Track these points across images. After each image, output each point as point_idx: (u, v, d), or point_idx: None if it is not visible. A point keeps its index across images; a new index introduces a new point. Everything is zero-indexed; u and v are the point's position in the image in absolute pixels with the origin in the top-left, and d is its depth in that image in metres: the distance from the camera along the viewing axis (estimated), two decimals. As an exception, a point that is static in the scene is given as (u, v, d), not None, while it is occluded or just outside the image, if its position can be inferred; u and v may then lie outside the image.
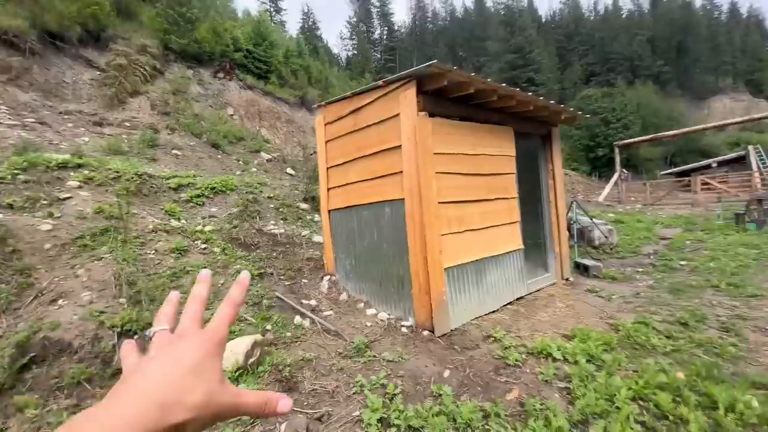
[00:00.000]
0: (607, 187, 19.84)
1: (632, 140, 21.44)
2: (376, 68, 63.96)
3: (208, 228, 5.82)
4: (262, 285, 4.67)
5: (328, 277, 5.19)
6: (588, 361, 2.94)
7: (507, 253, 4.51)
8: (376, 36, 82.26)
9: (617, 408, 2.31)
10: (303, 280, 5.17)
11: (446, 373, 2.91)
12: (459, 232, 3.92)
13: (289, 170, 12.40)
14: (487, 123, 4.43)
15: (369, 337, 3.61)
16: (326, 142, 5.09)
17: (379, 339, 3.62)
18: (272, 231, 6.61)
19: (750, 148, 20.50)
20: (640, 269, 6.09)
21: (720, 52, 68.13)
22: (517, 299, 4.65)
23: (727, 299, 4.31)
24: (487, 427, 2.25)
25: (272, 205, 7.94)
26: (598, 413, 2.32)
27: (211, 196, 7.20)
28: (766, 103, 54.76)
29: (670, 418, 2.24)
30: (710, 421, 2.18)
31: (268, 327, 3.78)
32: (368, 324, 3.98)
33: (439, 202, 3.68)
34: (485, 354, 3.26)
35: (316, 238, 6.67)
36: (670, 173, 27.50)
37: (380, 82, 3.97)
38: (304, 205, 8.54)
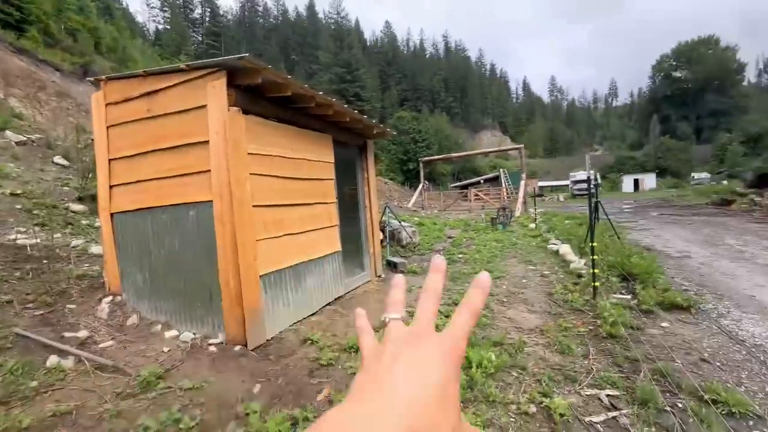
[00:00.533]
0: (414, 196, 23.70)
1: (432, 158, 26.38)
2: (196, 51, 56.11)
3: None
4: (-14, 320, 3.24)
5: (110, 298, 4.09)
6: (389, 347, 3.34)
7: (326, 255, 4.68)
8: (196, 15, 72.20)
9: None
10: (69, 306, 3.89)
11: (257, 389, 2.73)
12: (276, 237, 3.79)
13: (59, 159, 9.30)
14: (307, 129, 4.50)
15: (164, 366, 3.02)
16: (108, 126, 4.02)
17: (179, 365, 3.08)
18: (14, 242, 4.73)
19: (501, 170, 28.62)
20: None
21: (485, 98, 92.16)
22: (336, 299, 4.89)
23: (484, 281, 5.79)
24: (294, 434, 2.22)
25: (19, 206, 5.72)
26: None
27: None
28: (509, 139, 77.56)
29: (443, 382, 2.78)
30: (467, 377, 2.83)
31: (-6, 380, 2.64)
32: (165, 349, 3.33)
33: (254, 206, 3.46)
34: (301, 359, 3.25)
35: (95, 249, 5.19)
36: (456, 186, 35.23)
37: (183, 65, 3.43)
38: (77, 207, 6.53)
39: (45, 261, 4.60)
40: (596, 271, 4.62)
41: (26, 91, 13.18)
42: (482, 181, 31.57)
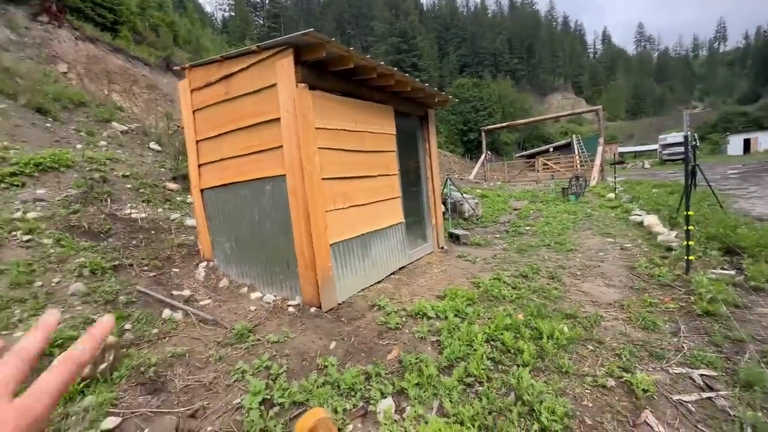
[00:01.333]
0: (476, 167, 22.78)
1: (495, 126, 24.89)
2: (259, 35, 58.55)
3: (31, 215, 4.57)
4: (117, 279, 3.93)
5: (204, 263, 4.69)
6: (455, 315, 3.39)
7: (390, 226, 4.79)
8: (256, 0, 74.85)
9: (474, 350, 2.74)
10: (173, 270, 4.55)
11: (332, 345, 2.98)
12: (344, 208, 3.97)
13: (153, 145, 10.58)
14: (369, 101, 4.52)
15: (253, 322, 3.43)
16: (194, 111, 4.46)
17: (264, 322, 3.47)
18: (130, 216, 5.59)
19: (573, 136, 26.08)
20: (498, 235, 7.24)
21: (556, 57, 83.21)
22: (400, 269, 5.02)
23: (554, 254, 5.48)
24: (368, 387, 2.40)
25: (129, 186, 6.69)
26: (461, 357, 2.71)
27: (36, 174, 5.65)
28: (584, 102, 69.70)
29: (511, 351, 2.76)
30: (537, 348, 2.77)
31: (127, 326, 3.23)
32: (252, 308, 3.76)
33: (322, 179, 3.64)
34: (370, 322, 3.45)
35: (190, 222, 5.92)
36: (521, 156, 33.04)
37: (254, 47, 3.62)
38: (173, 185, 7.45)
39: (152, 232, 5.38)
40: (691, 243, 4.10)
41: (123, 86, 15.05)
42: (551, 149, 29.13)
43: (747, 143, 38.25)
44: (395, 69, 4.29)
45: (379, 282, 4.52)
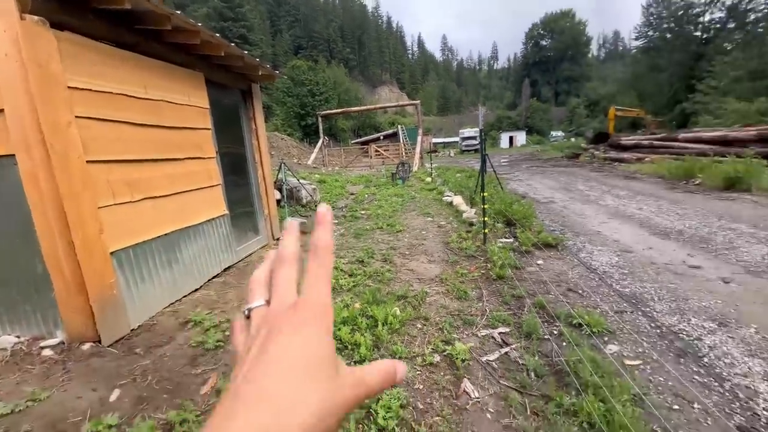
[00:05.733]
0: (314, 152, 22.62)
1: (331, 111, 25.22)
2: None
3: None
4: None
5: None
6: (290, 317, 3.03)
7: (208, 221, 3.97)
8: None
9: (310, 355, 2.46)
10: None
11: (114, 395, 2.15)
12: (133, 202, 2.97)
13: None
14: (168, 62, 3.51)
15: (-36, 389, 2.16)
16: None
17: (-9, 383, 2.25)
18: None
19: (399, 127, 29.20)
20: (336, 221, 7.22)
21: (383, 52, 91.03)
22: (226, 269, 4.28)
23: (386, 236, 5.80)
24: (169, 444, 1.80)
25: None
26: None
27: None
28: (406, 96, 79.23)
29: (349, 346, 2.63)
30: (374, 337, 2.73)
31: None
32: (-33, 365, 2.40)
33: (88, 161, 2.57)
34: (181, 346, 2.72)
35: None
36: (357, 142, 34.91)
37: None
38: None
39: None
40: (486, 219, 4.98)
41: None
42: (382, 138, 31.85)
43: (511, 139, 51.94)
44: (200, 25, 3.43)
45: (196, 290, 3.69)
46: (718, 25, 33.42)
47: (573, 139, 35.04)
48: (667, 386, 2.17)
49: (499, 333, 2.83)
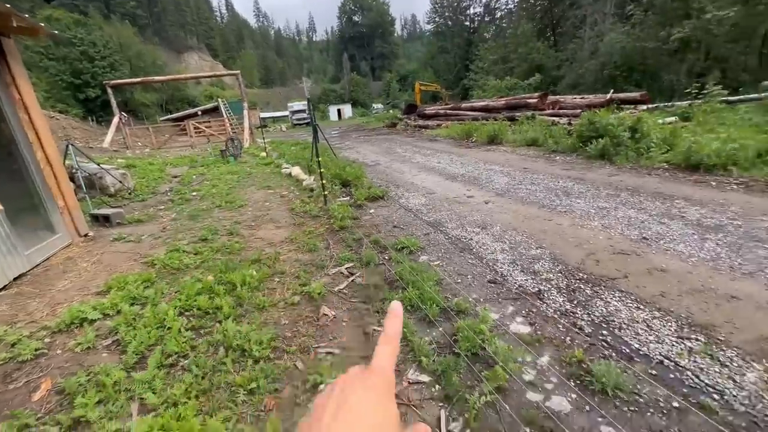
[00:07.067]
0: (110, 132, 18.13)
1: (123, 81, 20.42)
2: None
3: None
4: None
5: None
6: (132, 304, 2.81)
7: (-28, 221, 3.02)
8: None
9: (169, 328, 2.45)
10: None
11: None
12: None
13: None
14: None
15: None
16: None
17: None
18: None
19: (219, 101, 26.28)
20: (162, 207, 6.39)
21: (183, 11, 77.19)
22: (15, 279, 3.40)
23: (228, 213, 5.61)
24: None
25: None
26: (154, 343, 2.34)
27: None
28: (222, 66, 70.77)
29: (210, 312, 2.70)
30: (234, 298, 2.87)
31: None
32: None
33: None
34: (-23, 371, 2.19)
35: None
36: (168, 119, 29.63)
37: None
38: None
39: None
40: (324, 182, 5.49)
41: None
42: (200, 113, 27.97)
43: (339, 112, 54.12)
44: None
45: (-26, 311, 2.86)
46: (479, 18, 43.05)
47: (391, 111, 39.55)
48: (454, 271, 3.23)
49: (346, 268, 3.43)
